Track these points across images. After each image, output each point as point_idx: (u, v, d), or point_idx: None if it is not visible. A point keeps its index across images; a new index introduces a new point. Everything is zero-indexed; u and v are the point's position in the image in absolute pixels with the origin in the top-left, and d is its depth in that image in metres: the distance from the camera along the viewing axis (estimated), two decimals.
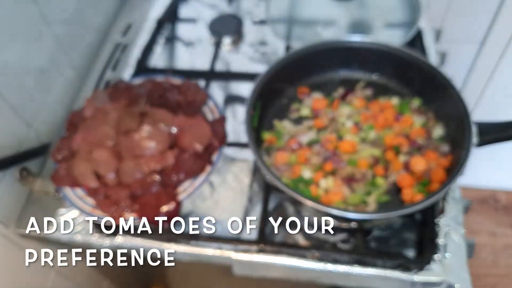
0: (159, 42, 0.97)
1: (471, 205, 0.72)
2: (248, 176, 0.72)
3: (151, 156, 0.66)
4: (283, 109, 0.77)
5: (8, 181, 0.70)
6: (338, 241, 0.65)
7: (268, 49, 0.93)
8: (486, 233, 1.53)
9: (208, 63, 0.89)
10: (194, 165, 0.66)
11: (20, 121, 0.73)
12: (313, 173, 0.67)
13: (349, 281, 0.63)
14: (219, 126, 0.72)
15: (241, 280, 0.81)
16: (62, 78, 0.84)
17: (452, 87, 0.66)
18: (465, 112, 0.63)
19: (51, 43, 0.80)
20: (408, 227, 0.65)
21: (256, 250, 0.63)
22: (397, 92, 0.77)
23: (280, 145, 0.71)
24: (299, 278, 0.65)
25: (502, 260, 1.48)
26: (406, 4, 0.88)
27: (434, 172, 0.65)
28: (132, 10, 1.05)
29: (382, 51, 0.73)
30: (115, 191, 0.65)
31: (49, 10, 0.77)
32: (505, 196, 1.61)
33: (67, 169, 0.68)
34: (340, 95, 0.77)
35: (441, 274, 0.60)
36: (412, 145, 0.68)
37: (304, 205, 0.60)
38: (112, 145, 0.67)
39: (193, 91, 0.76)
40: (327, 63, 0.77)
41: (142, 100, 0.73)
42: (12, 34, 0.69)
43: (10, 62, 0.69)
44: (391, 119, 0.72)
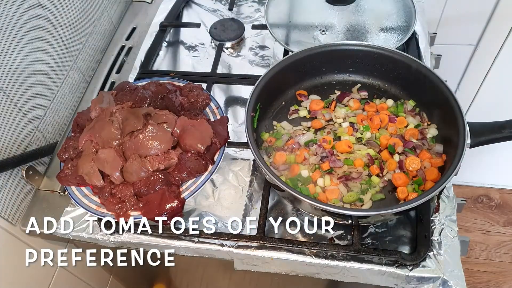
0: (162, 46, 0.99)
1: (465, 203, 0.73)
2: (248, 175, 0.73)
3: (155, 156, 0.67)
4: (282, 110, 0.78)
5: (15, 180, 0.72)
6: (336, 238, 0.66)
7: (267, 53, 0.95)
8: (479, 230, 1.55)
9: (210, 66, 0.91)
10: (196, 165, 0.68)
11: (27, 122, 0.75)
12: (311, 172, 0.69)
13: (346, 276, 0.65)
14: (221, 126, 0.73)
15: (241, 276, 0.83)
16: (68, 80, 0.86)
17: (447, 89, 0.68)
18: (459, 113, 0.65)
19: (57, 46, 0.82)
20: (404, 224, 0.67)
21: (256, 245, 0.65)
22: (392, 94, 0.79)
23: (279, 145, 0.73)
24: (297, 273, 0.66)
25: (495, 257, 1.50)
26: (402, 8, 0.89)
27: (428, 172, 0.67)
28: (136, 15, 1.08)
29: (378, 54, 0.75)
30: (120, 190, 0.66)
31: (55, 14, 0.79)
32: (499, 195, 1.62)
33: (73, 168, 0.69)
34: (337, 97, 0.79)
35: (435, 270, 0.61)
36: (406, 145, 0.70)
37: (302, 202, 0.62)
38: (117, 145, 0.69)
39: (196, 93, 0.78)
40: (325, 66, 0.79)
41: (146, 102, 0.75)
42: (19, 37, 0.71)
43: (17, 65, 0.71)
44: (386, 120, 0.74)
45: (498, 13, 1.11)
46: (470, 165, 1.51)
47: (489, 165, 1.52)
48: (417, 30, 0.93)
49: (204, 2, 1.08)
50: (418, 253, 0.62)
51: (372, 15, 0.90)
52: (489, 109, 1.34)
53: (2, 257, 0.71)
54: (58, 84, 0.83)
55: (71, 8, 0.85)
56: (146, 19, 1.05)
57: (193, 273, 0.90)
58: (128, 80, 0.87)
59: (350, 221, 0.65)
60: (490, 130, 0.64)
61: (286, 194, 0.64)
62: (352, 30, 0.89)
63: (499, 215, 1.58)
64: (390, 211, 0.59)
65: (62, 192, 0.75)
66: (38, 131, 0.78)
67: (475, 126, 0.64)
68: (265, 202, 0.68)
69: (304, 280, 0.74)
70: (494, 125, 0.64)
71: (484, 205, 1.60)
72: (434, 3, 1.12)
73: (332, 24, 0.89)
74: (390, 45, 0.81)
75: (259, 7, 1.06)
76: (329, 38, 0.88)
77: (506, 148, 1.36)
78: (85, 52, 0.92)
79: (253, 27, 0.99)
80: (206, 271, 0.86)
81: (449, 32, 1.18)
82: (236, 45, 0.97)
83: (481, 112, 1.34)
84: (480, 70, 1.24)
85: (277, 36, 0.88)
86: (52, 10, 0.78)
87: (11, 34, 0.69)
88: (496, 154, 1.43)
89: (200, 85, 0.81)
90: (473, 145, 0.64)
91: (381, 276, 0.63)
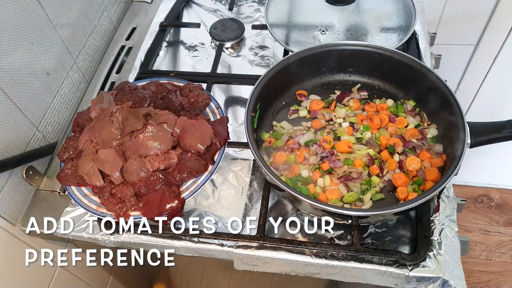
0: (162, 46, 0.99)
1: (465, 203, 0.73)
2: (248, 175, 0.73)
3: (155, 156, 0.67)
4: (282, 110, 0.78)
5: (15, 180, 0.72)
6: (336, 238, 0.66)
7: (267, 53, 0.95)
8: (479, 230, 1.55)
9: (210, 66, 0.91)
10: (196, 165, 0.68)
11: (27, 122, 0.75)
12: (311, 172, 0.69)
13: (346, 276, 0.65)
14: (221, 126, 0.73)
15: (241, 276, 0.83)
16: (68, 80, 0.86)
17: (446, 89, 0.68)
18: (459, 113, 0.65)
19: (57, 46, 0.82)
20: (404, 224, 0.67)
21: (256, 245, 0.65)
22: (392, 94, 0.79)
23: (279, 145, 0.73)
24: (297, 273, 0.66)
25: (495, 257, 1.50)
26: (402, 8, 0.89)
27: (428, 172, 0.67)
28: (136, 15, 1.08)
29: (378, 54, 0.75)
30: (120, 190, 0.66)
31: (55, 14, 0.79)
32: (499, 195, 1.63)
33: (73, 168, 0.69)
34: (337, 97, 0.79)
35: (435, 270, 0.61)
36: (406, 145, 0.70)
37: (302, 202, 0.62)
38: (117, 145, 0.69)
39: (196, 93, 0.78)
40: (325, 66, 0.79)
41: (146, 102, 0.75)
42: (19, 37, 0.71)
43: (17, 65, 0.71)
44: (386, 120, 0.74)
45: (498, 13, 1.11)
46: (470, 165, 1.51)
47: (489, 165, 1.52)
48: (417, 30, 0.93)
49: (204, 2, 1.08)
50: (418, 253, 0.62)
51: (372, 15, 0.90)
52: (489, 109, 1.34)
53: (2, 257, 0.71)
54: (58, 84, 0.83)
55: (71, 8, 0.85)
56: (146, 19, 1.05)
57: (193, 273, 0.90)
58: (128, 80, 0.87)
59: (350, 221, 0.65)
60: (490, 130, 0.64)
61: (286, 194, 0.64)
62: (352, 30, 0.89)
63: (499, 215, 1.59)
64: (390, 211, 0.59)
65: (62, 192, 0.76)
66: (38, 131, 0.78)
67: (475, 126, 0.64)
68: (265, 202, 0.68)
69: (304, 280, 0.74)
70: (494, 125, 0.65)
71: (484, 205, 1.60)
72: (434, 3, 1.12)
73: (332, 24, 0.90)
74: (390, 45, 0.81)
75: (259, 7, 1.06)
76: (329, 38, 0.88)
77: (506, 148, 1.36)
78: (85, 52, 0.92)
79: (253, 27, 0.99)
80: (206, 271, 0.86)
81: (449, 32, 1.18)
82: (236, 45, 0.97)
83: (481, 112, 1.34)
84: (480, 70, 1.24)
85: (277, 36, 0.88)
86: (52, 10, 0.78)
87: (11, 34, 0.69)
88: (496, 154, 1.43)
89: (200, 85, 0.81)
90: (473, 145, 0.64)
91: (381, 276, 0.63)
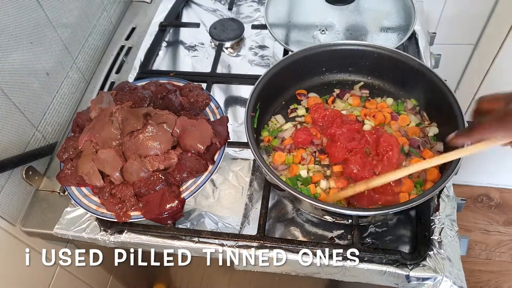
0: (162, 46, 0.99)
1: (465, 203, 0.73)
2: (248, 175, 0.73)
3: (155, 156, 0.67)
4: (282, 110, 0.78)
5: (15, 180, 0.72)
6: (336, 237, 0.66)
7: (267, 53, 0.95)
8: (479, 230, 1.56)
9: (210, 66, 0.91)
10: (196, 165, 0.68)
11: (27, 122, 0.75)
12: (311, 172, 0.68)
13: (346, 276, 0.65)
14: (221, 126, 0.73)
15: (241, 276, 0.83)
16: (68, 80, 0.86)
17: (446, 88, 0.68)
18: (458, 113, 0.65)
19: (56, 46, 0.81)
20: (404, 224, 0.67)
21: (256, 245, 0.65)
22: (392, 93, 0.79)
23: (276, 145, 0.73)
24: (297, 273, 0.66)
25: (495, 256, 1.50)
26: (401, 8, 0.89)
27: (428, 171, 0.67)
28: (136, 15, 1.08)
29: (378, 54, 0.75)
30: (120, 190, 0.66)
31: (54, 14, 0.79)
32: (498, 194, 1.63)
33: (73, 168, 0.69)
34: (337, 94, 0.79)
35: (435, 270, 0.61)
36: (412, 143, 0.70)
37: (302, 202, 0.62)
38: (117, 145, 0.68)
39: (196, 93, 0.78)
40: (325, 66, 0.79)
41: (146, 102, 0.75)
42: (19, 38, 0.71)
43: (17, 65, 0.71)
44: (389, 117, 0.73)
45: (498, 12, 1.11)
46: (470, 165, 1.52)
47: (489, 165, 1.52)
48: (416, 30, 0.93)
49: (203, 2, 1.08)
50: (418, 253, 0.62)
51: (372, 14, 0.90)
52: None
53: (2, 257, 0.71)
54: (57, 84, 0.83)
55: (70, 8, 0.85)
56: (145, 19, 1.05)
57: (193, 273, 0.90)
58: (128, 80, 0.86)
59: (350, 221, 0.65)
60: None
61: (286, 194, 0.64)
62: (352, 29, 0.89)
63: (499, 214, 1.59)
64: (390, 211, 0.59)
65: (62, 192, 0.76)
66: (38, 131, 0.78)
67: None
68: (265, 202, 0.68)
69: (304, 280, 0.74)
70: None
71: (484, 204, 1.61)
72: (433, 3, 1.12)
73: (332, 23, 0.90)
74: (390, 45, 0.81)
75: (258, 7, 1.06)
76: (329, 38, 0.88)
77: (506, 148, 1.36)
78: (85, 52, 0.92)
79: (253, 27, 0.99)
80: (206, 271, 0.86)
81: (448, 32, 1.18)
82: (235, 45, 0.97)
83: None
84: (480, 70, 1.25)
85: (277, 36, 0.88)
86: (51, 10, 0.78)
87: (10, 34, 0.69)
88: (496, 154, 1.43)
89: (200, 85, 0.80)
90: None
91: (381, 275, 0.63)
